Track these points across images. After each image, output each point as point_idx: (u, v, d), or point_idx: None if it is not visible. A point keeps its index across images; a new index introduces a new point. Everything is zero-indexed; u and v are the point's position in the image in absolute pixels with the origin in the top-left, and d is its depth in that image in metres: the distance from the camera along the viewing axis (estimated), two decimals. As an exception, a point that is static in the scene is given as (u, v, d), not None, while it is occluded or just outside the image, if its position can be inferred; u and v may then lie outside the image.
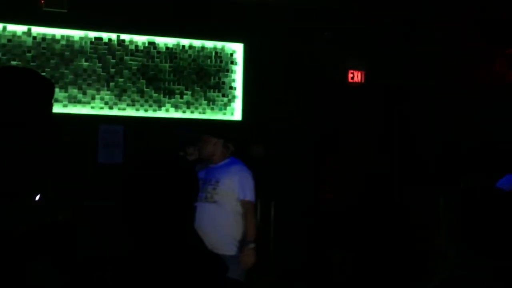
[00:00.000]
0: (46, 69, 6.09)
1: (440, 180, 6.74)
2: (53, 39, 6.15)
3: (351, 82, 7.22)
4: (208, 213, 4.08)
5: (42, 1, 5.94)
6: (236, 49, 6.78)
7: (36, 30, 6.08)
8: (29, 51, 6.06)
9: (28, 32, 6.06)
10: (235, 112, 6.77)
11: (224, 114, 6.74)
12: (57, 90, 6.10)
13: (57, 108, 6.01)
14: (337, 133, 7.09)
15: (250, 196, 4.23)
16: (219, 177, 4.20)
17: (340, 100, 7.11)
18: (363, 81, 7.25)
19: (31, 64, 6.03)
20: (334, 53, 6.92)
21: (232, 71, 6.78)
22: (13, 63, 5.97)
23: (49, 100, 2.41)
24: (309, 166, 6.85)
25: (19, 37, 6.03)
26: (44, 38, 6.11)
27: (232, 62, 6.78)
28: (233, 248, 4.19)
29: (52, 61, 6.13)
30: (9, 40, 5.99)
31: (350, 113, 7.15)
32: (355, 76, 7.25)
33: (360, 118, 7.14)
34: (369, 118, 7.17)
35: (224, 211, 4.19)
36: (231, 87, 6.77)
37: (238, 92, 6.77)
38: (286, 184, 6.49)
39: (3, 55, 5.97)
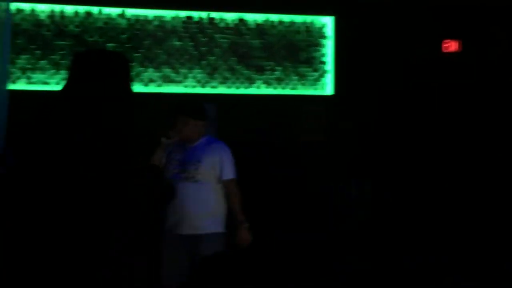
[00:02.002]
0: (140, 50, 6.24)
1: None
2: (146, 20, 6.28)
3: (445, 52, 6.95)
4: (189, 192, 4.08)
5: (135, -17, 6.08)
6: (326, 23, 6.68)
7: (130, 11, 6.23)
8: (123, 33, 6.22)
9: (122, 14, 6.22)
10: (326, 87, 6.69)
11: (315, 89, 6.68)
12: (151, 70, 6.25)
13: (151, 88, 6.20)
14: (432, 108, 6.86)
15: (232, 174, 4.21)
16: (201, 156, 4.16)
17: (433, 72, 6.87)
18: (459, 50, 6.95)
19: (126, 45, 6.20)
20: (427, 23, 6.68)
21: (322, 45, 6.69)
22: (109, 45, 6.16)
23: (125, 75, 2.46)
24: (401, 141, 6.69)
25: (114, 19, 6.20)
26: (137, 19, 6.26)
27: (322, 36, 6.68)
28: (217, 226, 4.14)
29: (145, 42, 6.27)
30: (105, 23, 6.18)
31: (445, 85, 6.89)
32: (450, 46, 6.97)
33: (454, 90, 6.88)
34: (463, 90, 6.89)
35: (206, 190, 4.14)
36: (322, 62, 6.68)
37: (329, 66, 6.68)
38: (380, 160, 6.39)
39: (100, 37, 6.16)
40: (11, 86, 5.55)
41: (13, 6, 5.50)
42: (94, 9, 6.14)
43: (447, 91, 6.87)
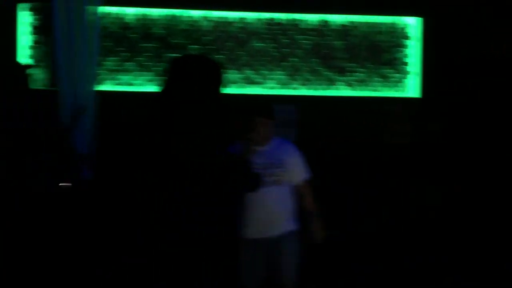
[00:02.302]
0: (223, 52, 6.32)
1: None
2: (229, 22, 6.35)
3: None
4: (273, 195, 4.04)
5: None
6: (411, 23, 6.51)
7: (213, 14, 6.32)
8: (207, 35, 6.32)
9: (206, 17, 6.32)
10: (409, 89, 6.53)
11: (398, 91, 6.53)
12: (232, 71, 6.31)
13: (233, 89, 6.27)
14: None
15: (308, 173, 4.24)
16: (282, 158, 4.10)
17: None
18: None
19: (209, 47, 6.30)
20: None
21: (406, 46, 6.53)
22: (193, 47, 6.28)
23: (218, 82, 2.59)
24: (492, 145, 6.43)
25: (198, 21, 6.32)
26: (220, 21, 6.34)
27: (406, 37, 6.52)
28: (295, 225, 4.17)
29: (228, 44, 6.35)
30: (189, 25, 6.30)
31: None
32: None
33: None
34: None
35: (288, 191, 4.16)
36: (405, 63, 6.53)
37: (414, 68, 6.51)
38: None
39: (184, 39, 6.29)
40: (99, 88, 5.78)
41: (102, 9, 5.70)
42: (179, 12, 6.28)
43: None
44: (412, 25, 6.51)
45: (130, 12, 6.25)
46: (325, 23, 6.45)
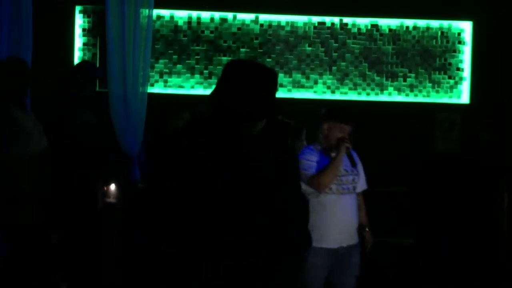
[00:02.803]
0: (272, 55, 6.31)
1: None
2: (279, 25, 6.34)
3: None
4: (348, 203, 3.97)
5: (269, -10, 6.16)
6: (464, 28, 6.40)
7: (263, 17, 6.32)
8: (256, 38, 6.32)
9: (256, 20, 6.32)
10: (462, 95, 6.42)
11: (450, 97, 6.42)
12: (281, 75, 6.29)
13: (281, 93, 6.25)
14: None
15: (366, 183, 4.20)
16: (356, 165, 4.03)
17: None
18: None
19: (258, 50, 6.29)
20: None
21: (459, 51, 6.42)
22: (242, 50, 6.28)
23: (272, 88, 2.54)
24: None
25: (248, 25, 6.32)
26: (270, 25, 6.33)
27: (459, 42, 6.41)
28: (358, 235, 4.14)
29: (277, 47, 6.33)
30: (238, 28, 6.31)
31: None
32: None
33: None
34: None
35: (356, 200, 4.12)
36: (458, 69, 6.42)
37: (466, 73, 6.40)
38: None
39: (233, 42, 6.30)
40: (150, 89, 5.82)
41: (154, 12, 5.74)
42: (229, 15, 6.29)
43: None
44: (467, 29, 6.39)
45: (181, 15, 6.28)
46: (375, 27, 6.38)
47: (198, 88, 6.27)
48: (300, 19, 6.35)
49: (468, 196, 6.09)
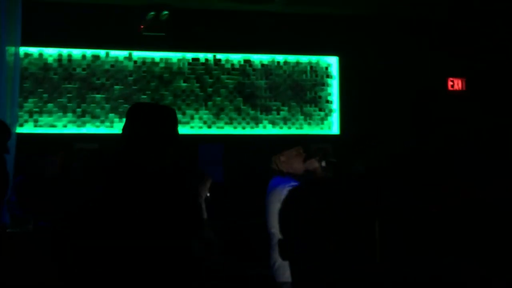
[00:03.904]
0: (147, 92, 6.29)
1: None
2: (153, 62, 6.34)
3: (451, 90, 6.98)
4: None
5: (142, 26, 6.15)
6: (331, 62, 6.73)
7: (137, 54, 6.30)
8: (130, 75, 6.28)
9: (129, 57, 6.29)
10: (332, 126, 6.71)
11: (322, 128, 6.69)
12: (158, 111, 6.25)
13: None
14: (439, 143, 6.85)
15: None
16: None
17: (440, 108, 6.88)
18: (464, 88, 6.98)
19: (133, 87, 6.25)
20: (432, 62, 6.73)
21: (328, 85, 6.73)
22: (116, 87, 6.21)
23: (172, 124, 2.87)
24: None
25: (121, 61, 6.27)
26: (144, 61, 6.32)
27: (327, 76, 6.73)
28: None
29: (152, 84, 6.32)
30: (112, 65, 6.24)
31: (451, 122, 6.90)
32: (455, 84, 7.01)
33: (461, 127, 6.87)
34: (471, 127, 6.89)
35: None
36: (327, 101, 6.72)
37: (335, 105, 6.71)
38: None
39: (106, 79, 6.22)
40: (19, 130, 5.59)
41: (22, 50, 5.56)
42: (101, 52, 6.21)
43: (453, 128, 6.87)
44: (334, 64, 6.72)
45: (51, 52, 6.12)
46: (248, 63, 6.55)
47: (71, 127, 6.10)
48: (174, 55, 6.39)
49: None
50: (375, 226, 2.82)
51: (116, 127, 6.16)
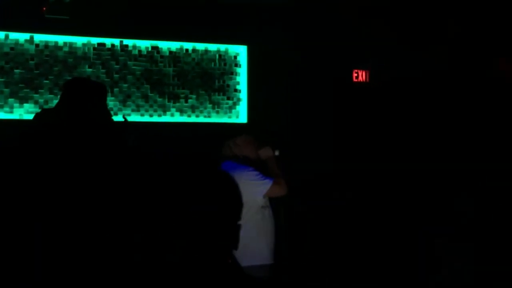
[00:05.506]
0: (50, 77, 6.06)
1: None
2: (56, 46, 6.11)
3: (356, 82, 7.17)
4: None
5: (44, 8, 5.91)
6: (240, 52, 6.74)
7: (39, 37, 6.05)
8: (32, 59, 6.03)
9: (31, 40, 6.03)
10: (240, 115, 6.73)
11: (230, 117, 6.70)
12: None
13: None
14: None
15: None
16: None
17: (346, 100, 7.06)
18: (368, 80, 7.19)
19: (35, 71, 6.01)
20: (338, 53, 6.88)
21: (236, 74, 6.74)
22: (16, 71, 5.95)
23: (99, 100, 3.12)
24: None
25: (22, 45, 6.00)
26: (46, 45, 6.08)
27: (236, 65, 6.74)
28: None
29: (55, 68, 6.10)
30: (11, 48, 5.96)
31: (356, 112, 7.09)
32: (360, 76, 7.20)
33: (365, 118, 7.08)
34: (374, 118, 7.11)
35: None
36: (235, 90, 6.73)
37: (243, 94, 6.73)
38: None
39: (6, 63, 5.94)
40: None
41: None
42: (0, 34, 5.92)
43: (362, 120, 7.06)
44: (242, 53, 6.73)
45: None
46: (156, 49, 6.45)
47: (-33, 111, 5.79)
48: (79, 40, 6.19)
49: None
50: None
51: (16, 112, 5.90)
